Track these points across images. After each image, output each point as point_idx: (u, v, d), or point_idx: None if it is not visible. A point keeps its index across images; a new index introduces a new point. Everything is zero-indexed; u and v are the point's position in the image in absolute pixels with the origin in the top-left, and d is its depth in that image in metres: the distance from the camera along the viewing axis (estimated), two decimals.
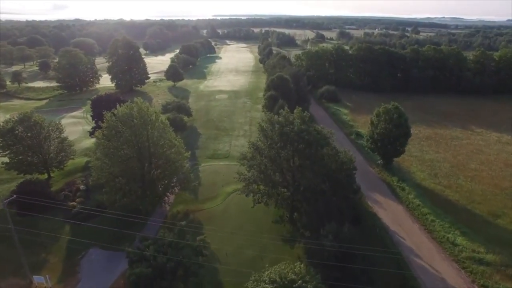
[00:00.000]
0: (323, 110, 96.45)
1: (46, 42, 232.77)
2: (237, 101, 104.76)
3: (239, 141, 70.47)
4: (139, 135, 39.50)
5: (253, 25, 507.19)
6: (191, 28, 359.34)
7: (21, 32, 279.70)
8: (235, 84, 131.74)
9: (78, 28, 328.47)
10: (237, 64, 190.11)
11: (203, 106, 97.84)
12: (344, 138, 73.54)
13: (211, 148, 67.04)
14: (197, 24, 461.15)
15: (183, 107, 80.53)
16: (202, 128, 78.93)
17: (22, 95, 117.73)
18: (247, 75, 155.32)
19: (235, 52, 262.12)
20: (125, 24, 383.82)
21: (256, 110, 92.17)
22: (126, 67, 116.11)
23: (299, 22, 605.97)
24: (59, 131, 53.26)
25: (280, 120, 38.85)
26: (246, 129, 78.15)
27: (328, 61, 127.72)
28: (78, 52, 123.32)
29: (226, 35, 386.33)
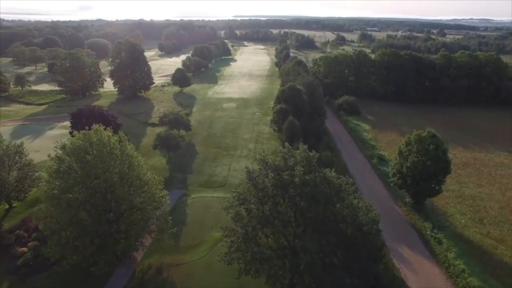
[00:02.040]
0: (341, 124, 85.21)
1: (61, 43, 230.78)
2: (246, 111, 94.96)
3: (240, 164, 60.61)
4: (93, 175, 30.31)
5: (273, 26, 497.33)
6: (209, 29, 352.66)
7: (40, 33, 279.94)
8: (246, 91, 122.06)
9: (96, 29, 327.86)
10: (251, 68, 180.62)
11: (207, 117, 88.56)
12: (364, 163, 62.38)
13: (207, 172, 57.48)
14: (215, 24, 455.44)
15: (181, 121, 71.43)
16: (201, 145, 69.56)
17: (23, 99, 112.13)
18: (261, 80, 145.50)
19: (251, 54, 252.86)
20: (143, 25, 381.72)
21: (265, 123, 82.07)
22: (129, 71, 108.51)
23: (319, 24, 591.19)
24: (19, 155, 44.85)
25: (276, 165, 28.76)
26: (251, 147, 68.17)
27: (348, 67, 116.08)
28: (81, 55, 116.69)
29: (244, 36, 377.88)
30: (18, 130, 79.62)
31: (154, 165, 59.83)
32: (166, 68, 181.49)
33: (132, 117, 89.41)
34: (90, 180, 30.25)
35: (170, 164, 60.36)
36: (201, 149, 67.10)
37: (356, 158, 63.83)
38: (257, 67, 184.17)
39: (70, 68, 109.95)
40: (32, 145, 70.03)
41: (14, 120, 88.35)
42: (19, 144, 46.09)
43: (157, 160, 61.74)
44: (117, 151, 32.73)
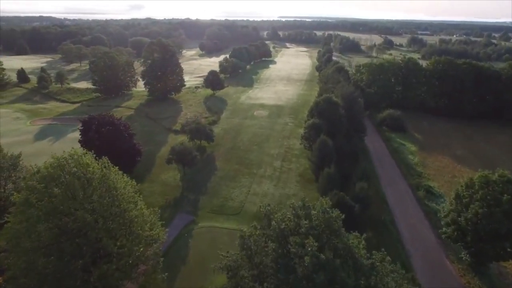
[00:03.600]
0: (383, 142, 74.67)
1: (107, 41, 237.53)
2: (277, 121, 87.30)
3: (261, 186, 53.30)
4: (60, 212, 24.61)
5: (317, 28, 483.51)
6: (251, 29, 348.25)
7: (91, 31, 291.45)
8: (282, 97, 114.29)
9: (141, 27, 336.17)
10: (290, 71, 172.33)
11: (234, 126, 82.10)
12: (408, 194, 52.26)
13: (222, 194, 50.77)
14: (259, 25, 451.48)
15: (203, 131, 65.52)
16: (222, 159, 63.14)
17: (61, 96, 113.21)
18: (299, 85, 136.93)
19: (292, 56, 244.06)
20: (186, 24, 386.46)
21: (296, 136, 73.90)
22: (160, 72, 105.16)
23: (366, 26, 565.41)
24: (14, 168, 40.86)
25: (282, 229, 21.05)
26: (277, 166, 60.53)
27: (394, 76, 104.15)
28: (116, 54, 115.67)
29: (287, 37, 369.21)
30: (44, 130, 78.40)
31: (166, 181, 54.38)
32: (204, 68, 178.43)
33: (157, 121, 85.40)
34: (56, 219, 24.54)
35: (184, 181, 54.49)
36: (221, 165, 60.61)
37: (398, 188, 53.94)
38: (296, 70, 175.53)
39: (105, 67, 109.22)
40: (51, 148, 67.83)
41: (45, 119, 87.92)
42: (17, 155, 42.24)
43: (171, 175, 56.17)
44: (95, 182, 26.79)
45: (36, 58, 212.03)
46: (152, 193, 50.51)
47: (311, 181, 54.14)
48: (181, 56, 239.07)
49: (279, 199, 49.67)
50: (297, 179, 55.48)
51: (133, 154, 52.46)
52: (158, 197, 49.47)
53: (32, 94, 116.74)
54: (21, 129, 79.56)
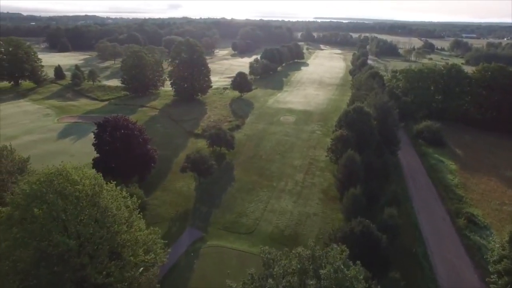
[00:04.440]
0: (418, 157, 67.77)
1: (142, 39, 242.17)
2: (304, 128, 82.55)
3: (279, 202, 49.13)
4: (40, 235, 21.97)
5: (353, 30, 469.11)
6: (285, 30, 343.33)
7: (128, 30, 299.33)
8: (311, 102, 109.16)
9: (176, 26, 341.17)
10: (323, 74, 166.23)
11: (258, 132, 78.35)
12: (445, 223, 45.88)
13: (237, 209, 47.14)
14: (293, 26, 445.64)
15: (223, 138, 62.31)
16: (240, 168, 59.55)
17: (91, 94, 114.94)
18: (330, 90, 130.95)
19: (326, 59, 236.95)
20: (221, 23, 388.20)
21: (322, 147, 68.87)
22: (186, 73, 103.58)
23: (406, 29, 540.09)
24: (20, 172, 39.41)
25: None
26: (299, 179, 56.04)
27: (434, 83, 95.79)
28: (145, 53, 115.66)
29: (322, 39, 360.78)
30: (69, 128, 78.73)
31: (179, 190, 51.61)
32: (235, 68, 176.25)
33: (179, 123, 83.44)
34: (35, 242, 21.94)
35: (198, 191, 51.46)
36: (239, 175, 57.03)
37: (434, 213, 47.72)
38: (329, 74, 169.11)
39: (133, 66, 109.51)
40: (72, 148, 67.62)
41: (71, 117, 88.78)
42: (25, 159, 40.95)
43: (185, 183, 53.35)
44: (84, 202, 23.98)
45: (75, 56, 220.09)
46: (163, 203, 47.88)
47: (335, 199, 49.25)
48: (213, 56, 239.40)
49: (298, 218, 45.32)
50: (320, 196, 50.77)
51: (147, 160, 50.11)
52: (169, 208, 46.72)
53: (65, 91, 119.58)
54: (47, 126, 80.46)
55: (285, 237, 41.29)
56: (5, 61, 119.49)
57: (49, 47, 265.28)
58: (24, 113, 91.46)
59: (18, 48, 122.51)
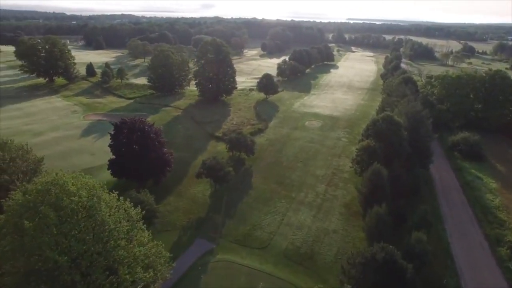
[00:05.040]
0: (452, 172, 62.26)
1: (172, 38, 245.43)
2: (330, 134, 78.83)
3: (297, 215, 46.20)
4: (28, 252, 20.56)
5: (387, 32, 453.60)
6: (316, 31, 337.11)
7: (160, 28, 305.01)
8: (339, 107, 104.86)
9: (207, 26, 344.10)
10: (352, 78, 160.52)
11: (281, 137, 75.56)
12: (483, 251, 40.95)
13: (251, 220, 44.71)
14: (325, 27, 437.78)
15: (243, 142, 60.10)
16: (259, 176, 57.07)
17: (118, 91, 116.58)
18: (360, 94, 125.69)
19: (357, 61, 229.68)
20: (251, 23, 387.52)
21: (348, 156, 65.17)
22: (212, 73, 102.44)
23: (443, 31, 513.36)
24: (33, 172, 38.90)
25: None
26: (320, 191, 52.79)
27: (474, 91, 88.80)
28: (172, 52, 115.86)
29: (353, 40, 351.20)
30: (92, 126, 79.43)
31: (194, 196, 49.93)
32: (263, 69, 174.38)
33: (201, 125, 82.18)
34: (23, 257, 20.55)
35: (213, 198, 49.54)
36: (258, 183, 54.60)
37: (470, 239, 42.96)
38: (359, 77, 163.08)
39: (160, 65, 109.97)
40: (93, 146, 67.88)
41: (96, 114, 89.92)
42: (39, 159, 40.57)
43: (201, 189, 51.60)
44: (79, 215, 22.42)
45: (108, 53, 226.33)
46: (176, 210, 46.33)
47: (358, 215, 45.71)
48: (242, 56, 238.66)
49: (316, 234, 42.27)
50: (341, 211, 47.36)
51: (161, 165, 48.78)
52: (181, 216, 45.09)
53: (94, 88, 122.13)
54: (73, 123, 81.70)
55: (300, 255, 38.42)
56: (42, 59, 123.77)
57: (86, 45, 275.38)
58: (53, 109, 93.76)
59: (54, 46, 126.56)
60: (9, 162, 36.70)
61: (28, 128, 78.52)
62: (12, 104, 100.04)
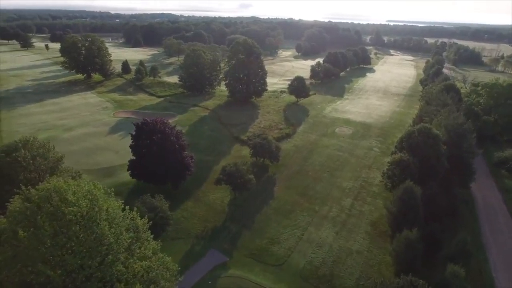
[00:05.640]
0: (498, 193, 56.05)
1: (207, 37, 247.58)
2: (361, 143, 74.50)
3: (319, 231, 43.08)
4: (22, 264, 19.42)
5: (429, 35, 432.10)
6: (353, 33, 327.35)
7: (196, 27, 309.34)
8: (373, 113, 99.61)
9: (242, 25, 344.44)
10: (389, 83, 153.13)
11: (308, 144, 72.34)
12: None
13: (269, 233, 42.20)
14: (363, 29, 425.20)
15: (267, 148, 57.67)
16: (282, 185, 54.41)
17: (150, 89, 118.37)
18: (396, 101, 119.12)
19: (395, 65, 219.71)
20: (287, 24, 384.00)
21: (379, 167, 60.95)
22: (242, 74, 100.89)
23: (494, 34, 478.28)
24: (52, 171, 38.66)
25: None
26: (346, 205, 49.27)
27: None
28: (203, 52, 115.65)
29: (392, 43, 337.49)
30: (120, 123, 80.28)
31: (212, 203, 48.24)
32: (296, 71, 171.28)
33: (227, 127, 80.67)
34: (15, 269, 19.44)
35: (231, 206, 47.58)
36: (280, 192, 52.00)
37: None
38: (396, 82, 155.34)
39: (192, 64, 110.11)
40: (118, 144, 68.12)
41: (126, 111, 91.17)
42: (59, 157, 40.43)
43: (220, 196, 49.80)
44: (77, 226, 21.06)
45: (145, 51, 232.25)
46: (192, 216, 44.81)
47: (385, 236, 41.89)
48: (276, 56, 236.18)
49: (337, 253, 39.04)
50: (367, 229, 43.68)
51: (180, 169, 47.47)
52: (197, 223, 43.48)
53: (128, 85, 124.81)
54: (103, 119, 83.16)
55: (318, 277, 35.45)
56: (81, 56, 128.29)
57: (125, 42, 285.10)
58: (86, 105, 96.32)
59: (92, 43, 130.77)
60: (29, 160, 36.67)
61: (61, 123, 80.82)
62: (52, 98, 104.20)
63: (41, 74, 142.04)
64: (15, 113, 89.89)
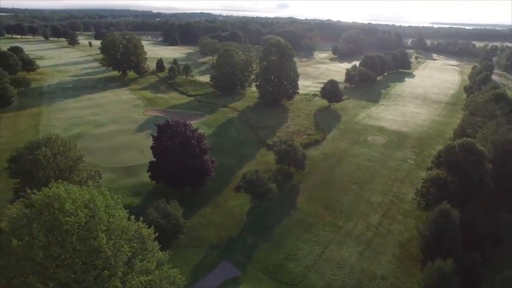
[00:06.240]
0: None
1: (243, 37, 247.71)
2: (394, 153, 69.76)
3: (341, 249, 39.92)
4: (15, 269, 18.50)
5: (478, 38, 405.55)
6: (393, 35, 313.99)
7: (232, 27, 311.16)
8: (409, 122, 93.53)
9: (278, 26, 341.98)
10: (429, 89, 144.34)
11: (338, 151, 68.78)
12: None
13: (287, 248, 39.67)
14: (404, 31, 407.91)
15: (293, 156, 55.05)
16: (306, 195, 51.55)
17: (182, 88, 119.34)
18: (436, 109, 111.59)
19: (437, 70, 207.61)
20: (325, 25, 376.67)
21: (412, 182, 56.43)
22: (273, 76, 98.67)
23: None
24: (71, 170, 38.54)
25: None
26: (372, 222, 45.62)
27: None
28: (235, 52, 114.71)
29: (436, 47, 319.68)
30: (148, 122, 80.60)
31: (231, 210, 46.52)
32: (331, 74, 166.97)
33: (254, 130, 78.81)
34: (6, 279, 18.55)
35: (250, 216, 45.56)
36: (302, 203, 49.23)
37: None
38: (437, 89, 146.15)
39: (223, 64, 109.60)
40: (144, 143, 67.83)
41: (155, 110, 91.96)
42: (78, 156, 40.30)
43: (240, 203, 47.91)
44: (73, 238, 19.87)
45: (181, 49, 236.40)
46: (209, 223, 43.30)
47: (415, 261, 37.98)
48: (311, 58, 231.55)
49: (359, 277, 35.82)
50: (395, 252, 39.93)
51: (200, 173, 46.12)
52: (213, 231, 41.88)
53: (160, 83, 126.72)
54: (132, 117, 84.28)
55: None
56: (119, 53, 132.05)
57: (163, 41, 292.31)
58: (119, 102, 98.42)
59: (129, 41, 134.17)
60: (49, 158, 36.75)
61: (93, 118, 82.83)
62: (88, 94, 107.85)
63: (82, 70, 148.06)
64: (53, 108, 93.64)
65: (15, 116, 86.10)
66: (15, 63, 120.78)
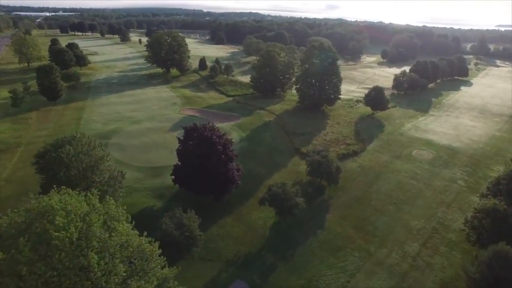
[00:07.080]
0: None
1: (289, 38, 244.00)
2: (442, 172, 62.72)
3: (370, 281, 35.41)
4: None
5: None
6: (451, 39, 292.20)
7: (279, 27, 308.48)
8: (462, 136, 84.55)
9: (326, 27, 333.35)
10: (489, 100, 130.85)
11: (377, 165, 63.31)
12: None
13: (309, 272, 35.97)
14: (463, 35, 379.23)
15: (325, 168, 50.99)
16: (336, 213, 47.27)
17: (221, 87, 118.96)
18: (497, 123, 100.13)
19: (500, 78, 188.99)
20: (375, 28, 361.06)
21: (462, 207, 49.96)
22: (314, 80, 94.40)
23: None
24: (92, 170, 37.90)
25: None
26: (410, 252, 40.41)
27: None
28: (277, 53, 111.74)
29: (501, 53, 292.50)
30: (183, 121, 79.85)
31: (254, 224, 43.71)
32: (378, 79, 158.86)
33: (290, 136, 75.29)
34: None
35: (273, 231, 42.45)
36: (332, 222, 45.10)
37: None
38: (498, 99, 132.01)
39: (264, 65, 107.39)
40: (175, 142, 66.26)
41: (192, 109, 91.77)
42: (101, 156, 39.64)
43: (264, 216, 44.96)
44: (62, 254, 18.21)
45: (226, 48, 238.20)
46: (228, 236, 40.87)
47: None
48: (358, 62, 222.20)
49: None
50: None
51: (224, 181, 43.87)
52: (231, 245, 39.37)
53: (201, 82, 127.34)
54: (169, 115, 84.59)
55: None
56: (163, 51, 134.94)
57: (210, 39, 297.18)
58: (158, 99, 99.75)
59: (173, 39, 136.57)
60: (72, 157, 36.43)
61: (131, 114, 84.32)
62: (130, 90, 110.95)
63: (129, 66, 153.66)
64: (97, 102, 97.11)
65: (63, 109, 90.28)
66: (69, 58, 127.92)
